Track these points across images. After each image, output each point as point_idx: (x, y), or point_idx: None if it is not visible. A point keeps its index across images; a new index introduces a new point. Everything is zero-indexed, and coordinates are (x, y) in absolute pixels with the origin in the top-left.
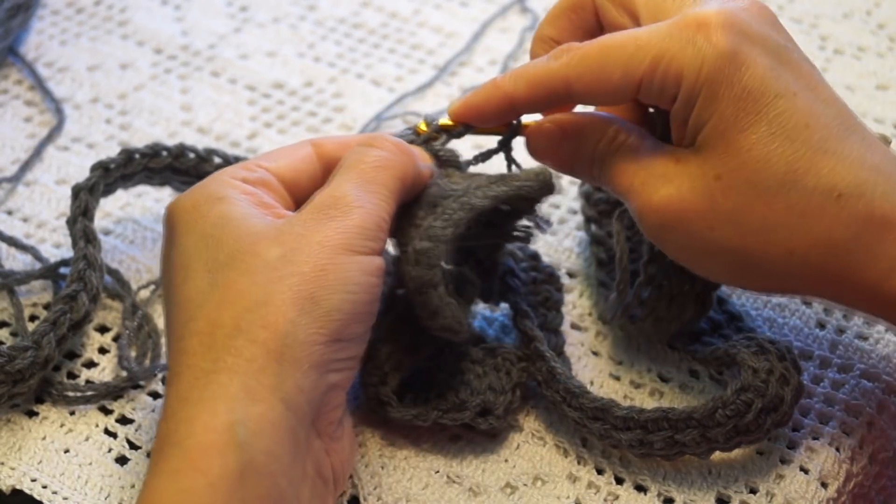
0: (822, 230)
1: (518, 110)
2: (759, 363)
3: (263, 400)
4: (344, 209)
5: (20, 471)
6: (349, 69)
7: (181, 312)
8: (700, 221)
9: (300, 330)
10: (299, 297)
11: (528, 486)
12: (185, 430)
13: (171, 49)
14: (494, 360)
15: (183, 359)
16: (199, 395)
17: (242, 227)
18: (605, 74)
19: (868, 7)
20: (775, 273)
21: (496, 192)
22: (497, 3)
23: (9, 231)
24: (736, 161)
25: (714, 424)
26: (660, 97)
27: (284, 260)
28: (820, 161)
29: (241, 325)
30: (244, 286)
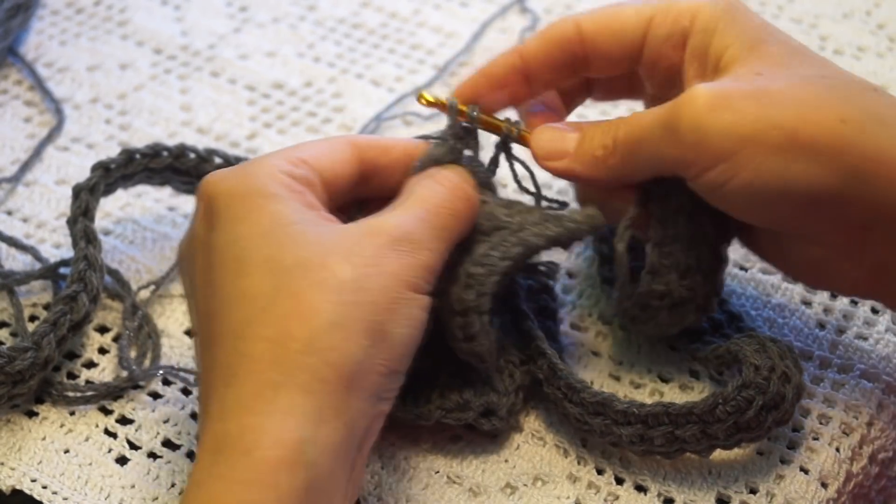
0: (869, 104)
1: (529, 70)
2: (761, 360)
3: (330, 422)
4: (416, 247)
5: (20, 471)
6: (349, 69)
7: (239, 309)
8: (751, 100)
9: (369, 359)
10: (371, 326)
11: (529, 486)
12: (251, 441)
13: (171, 49)
14: (497, 362)
15: (245, 361)
16: (265, 408)
17: (307, 235)
18: (617, 12)
19: (868, 7)
20: (826, 150)
21: (552, 232)
22: (497, 3)
23: (9, 231)
24: (772, 61)
25: (714, 420)
26: (669, 35)
27: (358, 285)
28: (846, 72)
29: (315, 345)
30: (317, 302)
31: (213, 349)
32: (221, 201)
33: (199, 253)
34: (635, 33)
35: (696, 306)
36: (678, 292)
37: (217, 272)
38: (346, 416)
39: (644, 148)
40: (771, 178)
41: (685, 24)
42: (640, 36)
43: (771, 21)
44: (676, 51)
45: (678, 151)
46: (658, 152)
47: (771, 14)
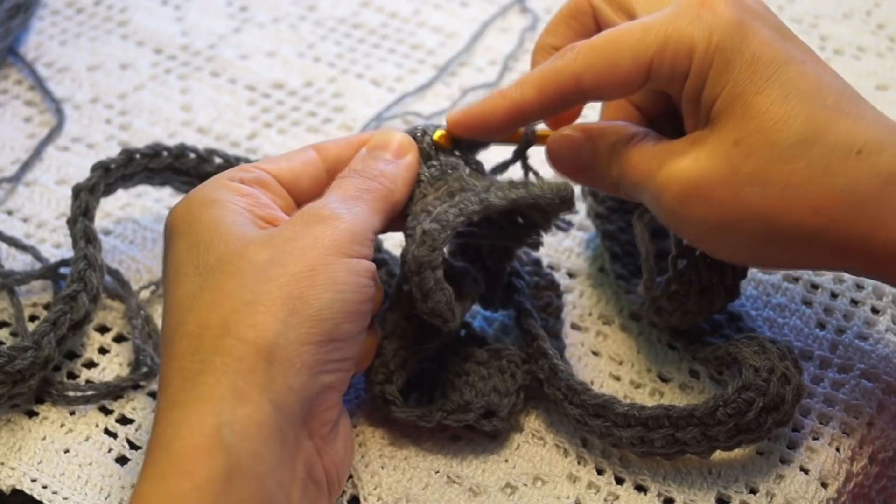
0: (846, 185)
1: (527, 117)
2: (760, 362)
3: (251, 400)
4: (333, 215)
5: (20, 471)
6: (349, 69)
7: (172, 316)
8: (722, 188)
9: (291, 329)
10: (289, 296)
11: (529, 486)
12: (171, 434)
13: (171, 49)
14: (499, 362)
15: (172, 362)
16: (185, 398)
17: (232, 232)
18: (615, 62)
19: (868, 7)
20: (801, 238)
21: (515, 195)
22: (497, 3)
23: (9, 231)
24: (753, 124)
25: (715, 423)
26: (671, 77)
27: (273, 262)
28: (836, 120)
29: (228, 325)
30: (232, 288)
31: (161, 359)
32: (171, 223)
33: (163, 279)
34: (637, 81)
35: (725, 288)
36: (706, 274)
37: (166, 290)
38: (270, 392)
39: (639, 197)
40: (749, 255)
41: (684, 66)
42: (642, 81)
43: None
44: (678, 88)
45: (663, 222)
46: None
47: None
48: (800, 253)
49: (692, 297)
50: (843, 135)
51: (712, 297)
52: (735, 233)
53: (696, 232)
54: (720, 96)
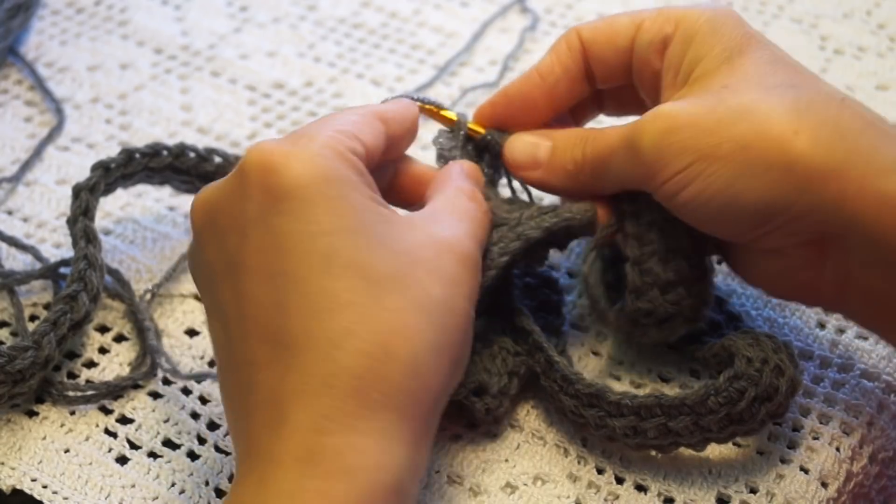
0: (829, 117)
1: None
2: (753, 353)
3: (422, 447)
4: (476, 266)
5: (20, 471)
6: (349, 69)
7: (331, 314)
8: (708, 115)
9: (450, 384)
10: (457, 352)
11: (529, 485)
12: (354, 460)
13: (171, 49)
14: (490, 348)
15: (343, 374)
16: (367, 426)
17: (393, 241)
18: (613, 20)
19: (868, 7)
20: (778, 164)
21: (548, 223)
22: (497, 3)
23: (9, 231)
24: (742, 72)
25: (706, 411)
26: (654, 38)
27: (448, 306)
28: (820, 81)
29: (417, 368)
30: (417, 322)
31: (293, 350)
32: (291, 180)
33: (254, 232)
34: (626, 39)
35: (684, 319)
36: (663, 308)
37: (294, 263)
38: (430, 441)
39: (610, 166)
40: (720, 188)
41: (668, 30)
42: (630, 41)
43: (771, 21)
44: (658, 57)
45: (641, 170)
46: (623, 170)
47: (771, 14)
48: (772, 184)
49: (651, 328)
50: (829, 88)
51: (672, 326)
52: (713, 158)
53: (674, 163)
54: (705, 58)
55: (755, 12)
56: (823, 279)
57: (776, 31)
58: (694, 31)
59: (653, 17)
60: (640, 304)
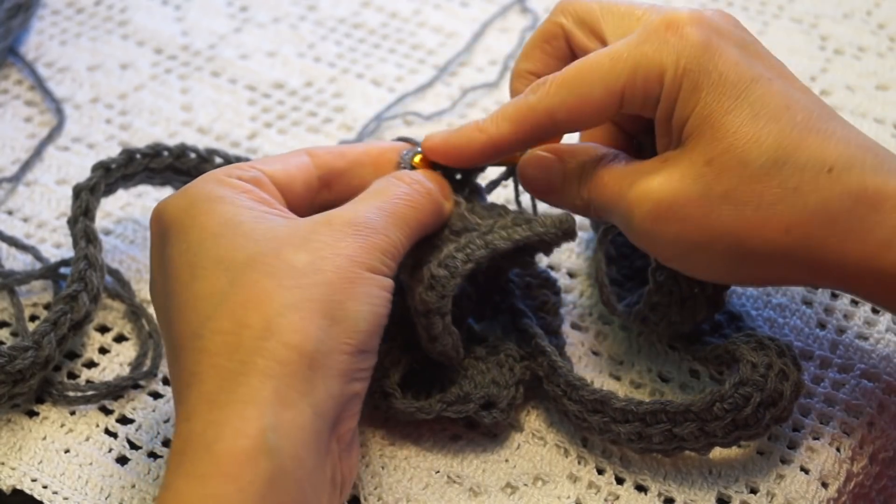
0: (818, 203)
1: (503, 150)
2: (758, 358)
3: (294, 405)
4: (370, 231)
5: (20, 471)
6: (349, 69)
7: (194, 310)
8: (695, 207)
9: (331, 338)
10: (330, 305)
11: (529, 485)
12: (213, 434)
13: (172, 49)
14: (497, 356)
15: (204, 357)
16: (227, 398)
17: (259, 229)
18: (586, 94)
19: (868, 7)
20: (774, 256)
21: (519, 235)
22: (497, 3)
23: (9, 231)
24: (724, 143)
25: (712, 418)
26: (644, 103)
27: (313, 267)
28: (807, 138)
29: (272, 328)
30: (271, 288)
31: (176, 354)
32: (169, 216)
33: (157, 274)
34: (610, 112)
35: (707, 299)
36: (686, 285)
37: (172, 282)
38: (311, 398)
39: (609, 217)
40: (722, 274)
41: (655, 92)
42: (615, 110)
43: (771, 21)
44: (652, 112)
45: (636, 241)
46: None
47: (771, 14)
48: (774, 271)
49: (674, 307)
50: (814, 153)
51: (694, 307)
52: (708, 251)
53: (669, 251)
54: (690, 117)
55: (755, 12)
56: None
57: (776, 31)
58: (676, 90)
59: (631, 82)
60: (663, 281)
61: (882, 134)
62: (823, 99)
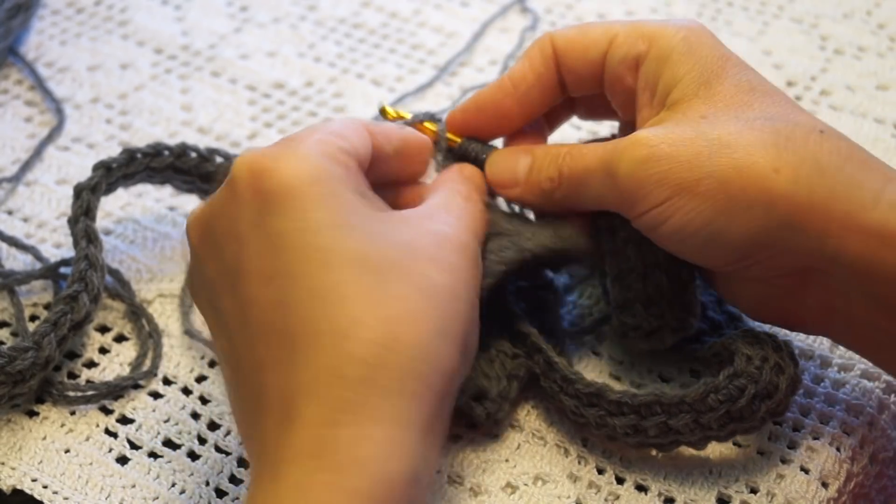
0: (808, 153)
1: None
2: (753, 351)
3: (437, 434)
4: (476, 257)
5: (21, 471)
6: (349, 69)
7: (335, 306)
8: (687, 147)
9: (460, 369)
10: (463, 337)
11: (529, 485)
12: (365, 450)
13: (172, 49)
14: (488, 352)
15: (353, 363)
16: (379, 415)
17: (390, 231)
18: (586, 29)
19: (868, 7)
20: (759, 201)
21: (548, 242)
22: (497, 3)
23: (9, 231)
24: (720, 103)
25: (706, 409)
26: (626, 55)
27: (453, 293)
28: (798, 112)
29: (425, 352)
30: (423, 307)
31: (297, 343)
32: (283, 181)
33: (250, 237)
34: (598, 52)
35: (671, 329)
36: (647, 322)
37: (292, 262)
38: (445, 427)
39: (586, 187)
40: (701, 225)
41: (641, 48)
42: (602, 54)
43: (771, 21)
44: (631, 74)
45: (617, 196)
46: (599, 193)
47: (771, 14)
48: (752, 222)
49: (640, 340)
50: (806, 118)
51: (661, 337)
52: (692, 193)
53: (653, 195)
54: (683, 79)
55: (755, 12)
56: (806, 306)
57: (776, 31)
58: (669, 51)
59: (626, 32)
60: (625, 318)
61: (882, 134)
62: (823, 99)
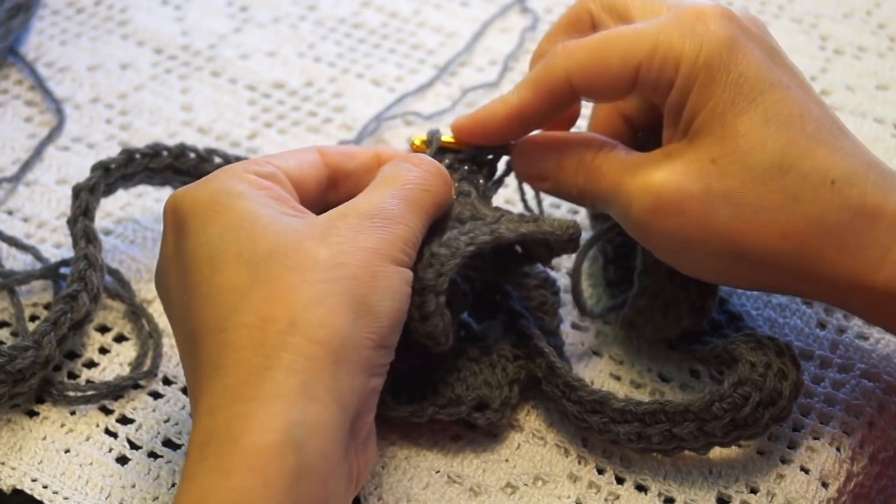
0: (816, 214)
1: (528, 119)
2: (756, 357)
3: (320, 400)
4: (389, 221)
5: (21, 471)
6: (349, 69)
7: (215, 304)
8: (695, 204)
9: (356, 332)
10: (353, 300)
11: (529, 485)
12: (239, 428)
13: (172, 49)
14: (490, 357)
15: (228, 351)
16: (252, 392)
17: (279, 223)
18: (604, 61)
19: (868, 7)
20: (768, 262)
21: (525, 230)
22: (497, 3)
23: (9, 231)
24: (732, 144)
25: (711, 418)
26: (656, 85)
27: (335, 261)
28: (814, 149)
29: (297, 323)
30: (295, 283)
31: (196, 347)
32: (187, 209)
33: (171, 265)
34: (625, 84)
35: (691, 305)
36: (669, 291)
37: (191, 275)
38: (336, 393)
39: (605, 207)
40: (716, 274)
41: (670, 76)
42: (630, 85)
43: (771, 21)
44: (663, 97)
45: (632, 232)
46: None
47: (771, 14)
48: (767, 275)
49: (657, 312)
50: (819, 163)
51: (678, 313)
52: (704, 249)
53: (665, 245)
54: (702, 112)
55: (755, 12)
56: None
57: (776, 31)
58: (693, 80)
59: (649, 59)
60: (647, 284)
61: (882, 134)
62: (823, 99)
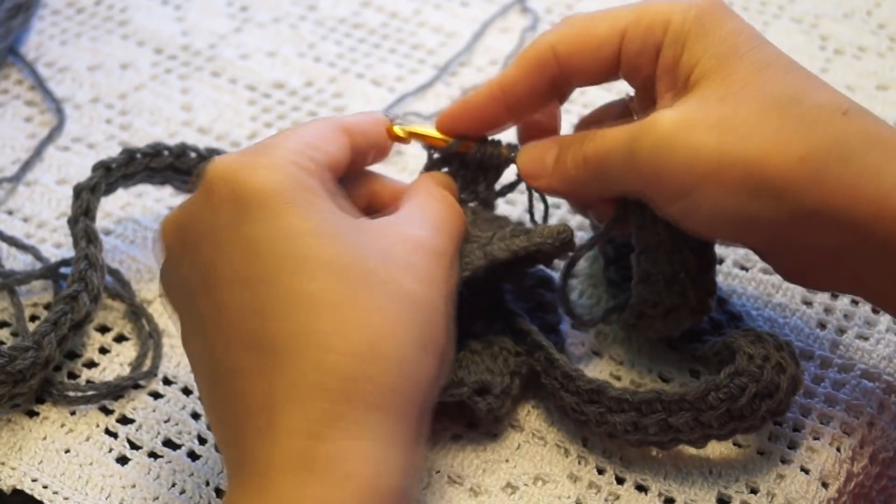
0: (835, 137)
1: (511, 98)
2: (754, 350)
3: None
4: (450, 263)
5: (21, 471)
6: (349, 69)
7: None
8: (710, 133)
9: (438, 381)
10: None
11: (529, 485)
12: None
13: (172, 49)
14: (491, 349)
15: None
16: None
17: (362, 240)
18: (589, 29)
19: (868, 7)
20: (786, 190)
21: (517, 246)
22: (497, 3)
23: (9, 231)
24: (739, 83)
25: (707, 407)
26: (642, 48)
27: (430, 304)
28: (820, 87)
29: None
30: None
31: (280, 354)
32: (258, 191)
33: (225, 242)
34: (610, 49)
35: (690, 309)
36: (669, 299)
37: (267, 268)
38: (424, 441)
39: (610, 167)
40: (731, 213)
41: (657, 36)
42: (615, 51)
43: (771, 21)
44: (650, 63)
45: (639, 182)
46: (621, 174)
47: (771, 14)
48: (782, 209)
49: (657, 319)
50: (830, 97)
51: (679, 318)
52: (719, 181)
53: (676, 183)
54: (701, 61)
55: (755, 12)
56: (839, 278)
57: (776, 31)
58: (684, 35)
59: (636, 22)
60: (645, 294)
61: None
62: None
